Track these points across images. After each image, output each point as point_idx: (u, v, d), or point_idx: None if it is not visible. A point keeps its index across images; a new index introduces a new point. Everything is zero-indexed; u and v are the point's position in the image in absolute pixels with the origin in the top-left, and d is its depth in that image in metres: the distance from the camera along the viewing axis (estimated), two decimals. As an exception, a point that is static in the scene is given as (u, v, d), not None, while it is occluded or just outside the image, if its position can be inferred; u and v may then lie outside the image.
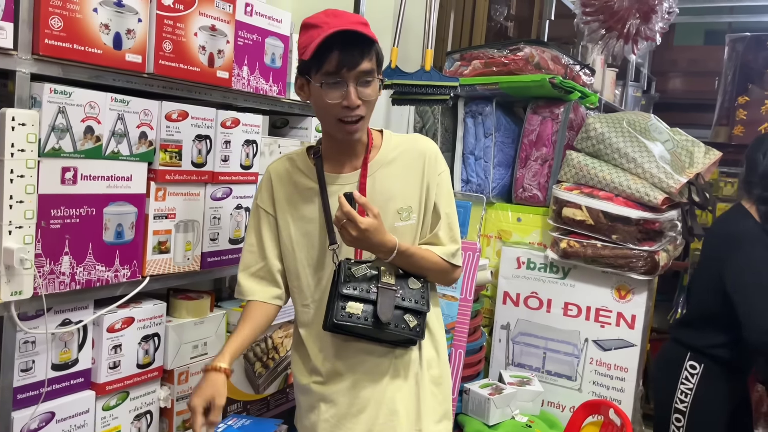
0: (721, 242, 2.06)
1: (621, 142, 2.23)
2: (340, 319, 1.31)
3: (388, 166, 1.42)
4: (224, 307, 1.88)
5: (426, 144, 1.47)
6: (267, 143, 1.91)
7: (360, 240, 1.29)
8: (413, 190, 1.42)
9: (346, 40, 1.27)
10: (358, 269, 1.34)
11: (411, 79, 2.10)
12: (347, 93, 1.29)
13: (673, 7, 3.40)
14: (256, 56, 1.81)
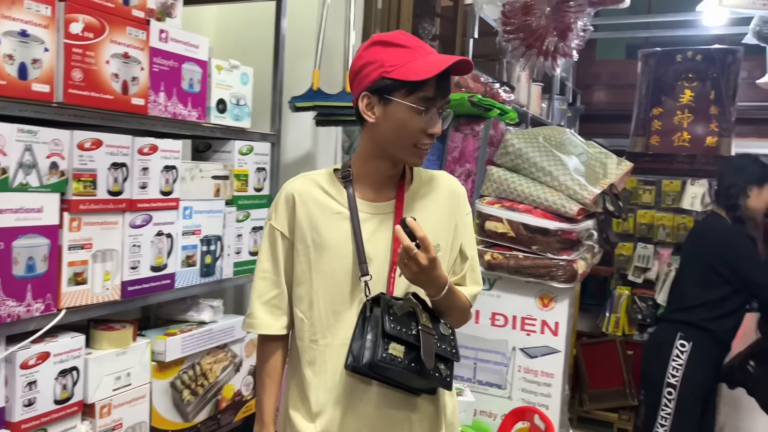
0: (709, 241, 2.69)
1: (537, 157, 2.32)
2: (383, 360, 1.21)
3: (421, 199, 1.38)
4: (148, 336, 1.85)
5: (455, 183, 1.45)
6: (188, 168, 1.91)
7: (425, 272, 1.21)
8: (443, 227, 1.38)
9: (445, 71, 1.25)
10: (400, 306, 1.26)
11: (333, 101, 2.14)
12: (434, 121, 1.27)
13: (587, 25, 3.55)
14: (173, 82, 1.80)
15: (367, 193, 1.36)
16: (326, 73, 2.43)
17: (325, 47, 2.35)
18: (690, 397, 2.62)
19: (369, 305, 1.27)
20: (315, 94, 2.16)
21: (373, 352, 1.22)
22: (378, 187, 1.36)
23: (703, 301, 2.62)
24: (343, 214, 1.33)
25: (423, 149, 1.29)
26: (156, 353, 1.83)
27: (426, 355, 1.22)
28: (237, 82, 2.07)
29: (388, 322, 1.22)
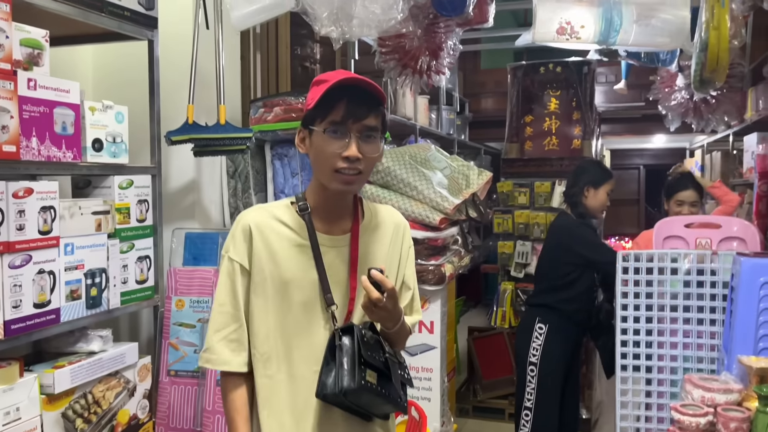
0: (557, 234, 3.07)
1: (404, 174, 2.56)
2: (361, 387, 1.25)
3: (372, 233, 1.42)
4: (36, 371, 1.92)
5: (399, 216, 1.51)
6: (67, 206, 2.00)
7: (392, 313, 1.29)
8: (391, 260, 1.44)
9: (355, 93, 1.28)
10: (370, 336, 1.31)
11: (207, 133, 2.29)
12: (349, 144, 1.27)
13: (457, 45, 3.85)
14: (45, 127, 1.89)
15: (322, 226, 1.38)
16: (202, 105, 2.56)
17: (201, 81, 2.49)
18: (549, 373, 2.96)
19: (338, 334, 1.29)
20: (190, 128, 2.30)
21: (351, 379, 1.24)
22: (332, 220, 1.38)
23: (555, 286, 2.98)
24: (303, 246, 1.35)
25: (345, 174, 1.29)
26: (45, 386, 1.91)
27: (395, 381, 1.29)
28: (112, 120, 2.17)
29: (365, 350, 1.26)
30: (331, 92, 1.27)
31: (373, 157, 1.32)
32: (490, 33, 6.00)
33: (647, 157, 11.21)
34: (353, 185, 1.33)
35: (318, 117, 1.30)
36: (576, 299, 2.99)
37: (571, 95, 4.51)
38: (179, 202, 2.69)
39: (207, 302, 2.41)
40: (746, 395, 1.67)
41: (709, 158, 6.26)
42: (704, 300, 2.21)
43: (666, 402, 2.23)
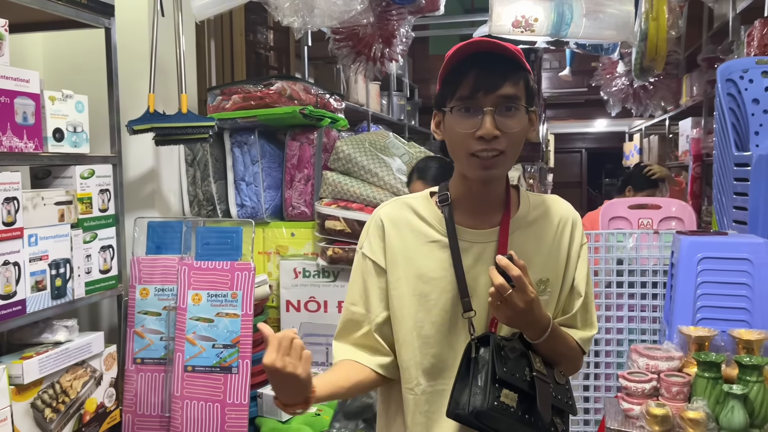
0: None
1: (365, 160, 2.63)
2: (493, 409, 1.05)
3: (528, 227, 1.20)
4: (3, 362, 1.92)
5: (568, 209, 1.25)
6: (30, 197, 1.98)
7: (523, 314, 1.07)
8: (553, 260, 1.20)
9: (486, 60, 1.08)
10: (512, 348, 1.10)
11: (169, 122, 2.29)
12: (482, 121, 1.07)
13: (409, 32, 3.91)
14: (6, 117, 1.87)
15: (466, 219, 1.19)
16: (162, 94, 2.55)
17: (159, 69, 2.48)
18: None
19: (475, 345, 1.11)
20: (151, 117, 2.30)
21: (483, 399, 1.05)
22: (478, 212, 1.19)
23: None
24: (440, 242, 1.18)
25: (482, 158, 1.09)
26: (13, 377, 1.91)
27: (543, 405, 1.07)
28: (72, 110, 2.15)
29: (500, 365, 1.07)
30: (458, 64, 1.09)
31: (515, 132, 1.10)
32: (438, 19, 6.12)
33: (589, 141, 11.61)
34: (494, 170, 1.11)
35: (447, 95, 1.12)
36: None
37: (519, 82, 4.64)
38: (139, 191, 2.68)
39: (172, 290, 2.43)
40: (686, 362, 1.82)
41: (647, 142, 6.56)
42: (646, 276, 2.38)
43: (613, 372, 2.39)
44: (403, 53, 3.93)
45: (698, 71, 4.35)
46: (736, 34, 3.31)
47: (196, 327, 2.37)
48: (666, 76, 4.67)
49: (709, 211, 3.82)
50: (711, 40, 4.20)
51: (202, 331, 2.37)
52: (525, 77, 1.11)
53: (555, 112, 8.28)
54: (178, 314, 2.39)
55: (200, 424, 2.32)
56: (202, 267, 2.41)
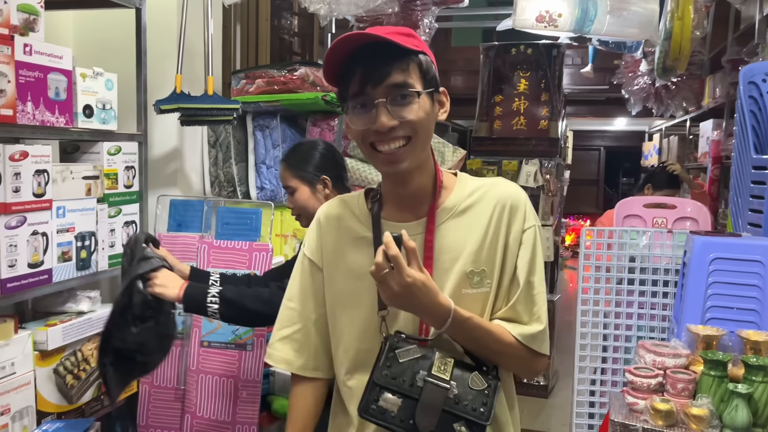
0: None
1: (384, 148, 2.67)
2: (368, 413, 1.05)
3: (459, 217, 1.14)
4: (29, 328, 1.99)
5: (508, 190, 1.15)
6: (59, 170, 2.04)
7: (403, 298, 1.02)
8: (488, 249, 1.12)
9: (370, 52, 1.04)
10: (406, 350, 1.06)
11: (195, 103, 2.34)
12: (376, 114, 1.04)
13: (433, 23, 3.93)
14: (39, 92, 1.93)
15: (394, 213, 1.16)
16: (188, 75, 2.60)
17: (186, 50, 2.53)
18: None
19: (381, 345, 1.09)
20: (178, 97, 2.35)
21: (362, 402, 1.06)
22: (404, 205, 1.15)
23: None
24: (367, 239, 1.15)
25: (385, 152, 1.07)
26: (38, 343, 1.98)
27: (422, 412, 1.03)
28: (102, 87, 2.21)
29: (381, 369, 1.05)
30: (345, 62, 1.06)
31: (416, 118, 1.05)
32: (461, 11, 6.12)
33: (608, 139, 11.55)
34: (401, 163, 1.08)
35: (343, 95, 1.10)
36: None
37: (540, 77, 4.65)
38: (162, 169, 2.74)
39: (191, 267, 2.49)
40: (693, 360, 1.85)
41: (667, 142, 6.53)
42: (658, 274, 2.40)
43: (620, 367, 2.42)
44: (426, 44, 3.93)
45: (722, 73, 4.33)
46: (762, 37, 3.29)
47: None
48: (689, 76, 4.65)
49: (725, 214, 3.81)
50: (736, 41, 4.17)
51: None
52: (417, 60, 1.07)
53: (575, 108, 8.25)
54: (196, 291, 2.45)
55: (214, 398, 2.39)
56: (222, 246, 2.46)
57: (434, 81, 1.10)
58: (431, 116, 1.10)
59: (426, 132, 1.10)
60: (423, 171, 1.14)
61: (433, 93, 1.10)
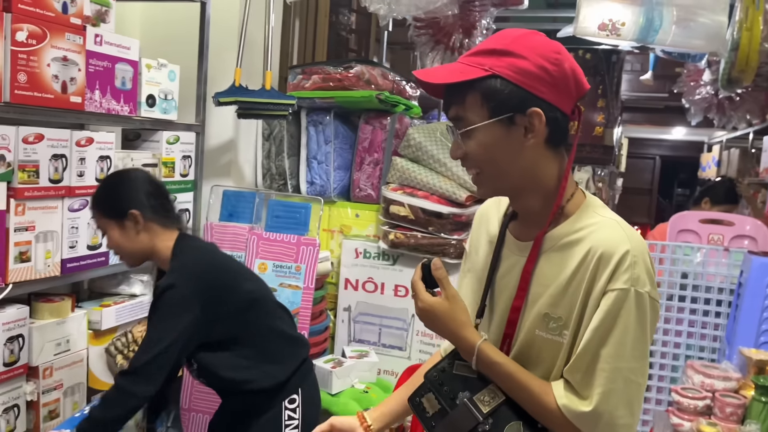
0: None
1: (435, 150, 2.66)
2: (412, 402, 1.12)
3: (557, 252, 1.05)
4: (85, 307, 2.07)
5: (607, 237, 1.01)
6: (120, 157, 2.12)
7: (423, 320, 1.08)
8: (569, 297, 1.02)
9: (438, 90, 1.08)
10: (465, 365, 1.07)
11: (253, 97, 2.39)
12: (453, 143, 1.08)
13: (490, 24, 3.90)
14: (107, 81, 2.01)
15: (517, 229, 1.14)
16: (247, 69, 2.65)
17: (246, 44, 2.58)
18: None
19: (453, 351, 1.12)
20: (236, 90, 2.40)
21: (415, 390, 1.12)
22: (524, 224, 1.12)
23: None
24: (492, 243, 1.15)
25: (470, 174, 1.09)
26: (92, 322, 2.06)
27: (444, 427, 1.05)
28: (165, 78, 2.28)
29: (436, 371, 1.09)
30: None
31: (473, 152, 1.04)
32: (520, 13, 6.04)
33: (664, 148, 11.22)
34: (480, 187, 1.09)
35: None
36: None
37: (598, 82, 4.55)
38: (217, 159, 2.80)
39: (240, 257, 2.54)
40: (743, 384, 1.80)
41: (727, 154, 6.31)
42: (711, 293, 2.33)
43: (666, 385, 2.37)
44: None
45: (790, 86, 4.16)
46: (835, 51, 3.15)
47: (259, 294, 2.48)
48: (754, 88, 4.47)
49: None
50: (808, 54, 3.99)
51: (265, 299, 2.47)
52: (480, 88, 1.01)
53: (632, 115, 8.04)
54: (244, 281, 2.51)
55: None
56: (270, 238, 2.51)
57: (507, 104, 1.00)
58: (500, 146, 1.03)
59: (492, 161, 1.04)
60: (528, 194, 1.08)
61: (512, 118, 1.01)
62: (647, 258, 1.01)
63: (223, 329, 1.75)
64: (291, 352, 1.88)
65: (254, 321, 1.82)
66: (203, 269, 1.75)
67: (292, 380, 1.85)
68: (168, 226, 1.79)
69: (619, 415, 0.98)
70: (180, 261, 1.74)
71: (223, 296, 1.75)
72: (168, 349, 1.64)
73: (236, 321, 1.77)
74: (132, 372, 1.64)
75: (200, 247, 1.86)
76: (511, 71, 0.99)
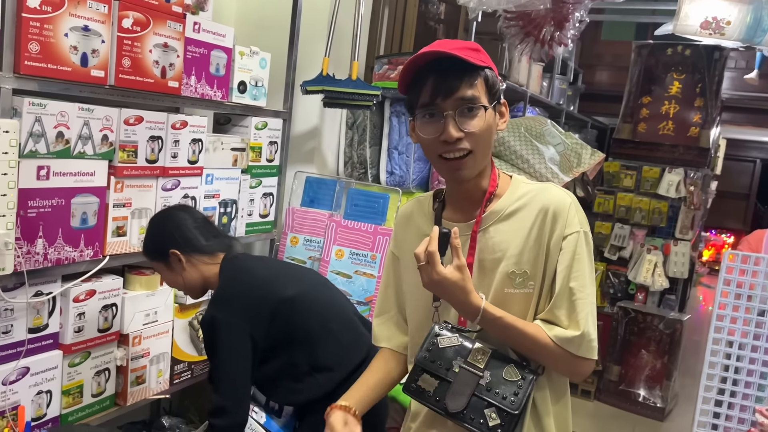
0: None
1: (518, 146, 2.62)
2: (409, 390, 1.20)
3: (506, 220, 1.20)
4: (172, 282, 2.19)
5: (553, 196, 1.20)
6: (211, 141, 2.21)
7: (434, 288, 1.16)
8: (530, 252, 1.18)
9: (442, 65, 1.12)
10: (448, 338, 1.18)
11: (339, 86, 2.43)
12: (444, 125, 1.13)
13: (584, 17, 3.77)
14: (202, 67, 2.09)
15: (452, 214, 1.25)
16: (335, 58, 2.70)
17: (335, 35, 2.62)
18: None
19: (430, 332, 1.21)
20: (324, 79, 2.44)
21: (407, 380, 1.20)
22: (461, 207, 1.24)
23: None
24: (426, 236, 1.20)
25: (449, 160, 1.15)
26: (178, 297, 2.17)
27: (452, 395, 1.15)
28: (256, 66, 2.35)
29: (423, 352, 1.18)
30: (417, 73, 1.15)
31: (479, 131, 1.13)
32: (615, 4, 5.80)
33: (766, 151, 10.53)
34: (463, 170, 1.16)
35: (413, 102, 1.19)
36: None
37: (697, 80, 4.33)
38: (302, 146, 2.87)
39: (318, 242, 2.61)
40: (838, 411, 1.68)
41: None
42: (809, 312, 2.18)
43: (749, 404, 2.24)
44: (574, 38, 3.79)
45: None
46: None
47: (335, 280, 2.53)
48: None
49: None
50: None
51: (340, 285, 2.52)
52: (484, 75, 1.15)
53: (732, 115, 7.58)
54: (321, 265, 2.57)
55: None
56: (349, 226, 2.56)
57: (498, 94, 1.19)
58: (493, 128, 1.18)
59: (486, 143, 1.18)
60: (482, 176, 1.22)
61: (496, 106, 1.18)
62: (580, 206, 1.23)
63: (271, 339, 1.79)
64: (342, 357, 1.84)
65: (301, 325, 1.82)
66: (238, 291, 1.78)
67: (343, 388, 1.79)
68: (212, 254, 1.85)
69: (592, 331, 1.17)
70: (217, 290, 1.81)
71: (262, 310, 1.77)
72: (242, 374, 1.73)
73: (280, 329, 1.79)
74: (221, 410, 1.71)
75: (239, 267, 1.85)
76: (492, 68, 1.18)
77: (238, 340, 1.73)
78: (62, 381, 1.82)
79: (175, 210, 1.91)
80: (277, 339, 1.79)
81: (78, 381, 1.87)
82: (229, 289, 1.79)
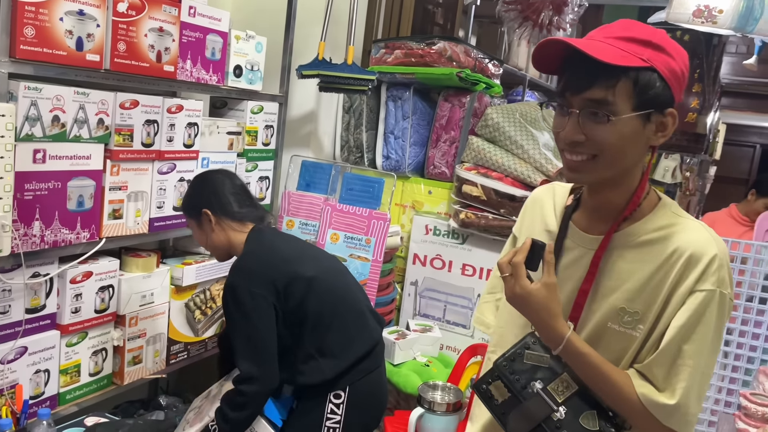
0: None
1: (512, 131, 2.63)
2: (478, 390, 1.12)
3: (636, 248, 1.06)
4: (169, 264, 2.22)
5: (695, 239, 1.03)
6: (207, 124, 2.23)
7: (515, 303, 1.06)
8: (650, 294, 1.04)
9: (584, 58, 0.97)
10: (536, 354, 1.07)
11: (335, 71, 2.44)
12: (567, 122, 1.02)
13: (583, 1, 3.76)
14: (198, 51, 2.10)
15: (582, 220, 1.13)
16: (331, 42, 2.70)
17: (332, 19, 2.62)
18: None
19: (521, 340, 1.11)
20: (319, 64, 2.45)
21: (480, 377, 1.13)
22: (592, 216, 1.12)
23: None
24: (552, 234, 1.15)
25: (567, 159, 1.04)
26: (174, 278, 2.21)
27: (517, 416, 1.05)
28: (252, 50, 2.36)
29: (506, 360, 1.08)
30: (567, 58, 1.02)
31: (604, 141, 0.99)
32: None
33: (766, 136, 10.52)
34: (581, 173, 1.04)
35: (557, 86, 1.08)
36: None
37: (695, 66, 4.32)
38: (298, 130, 2.89)
39: (314, 226, 2.63)
40: (819, 395, 1.72)
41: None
42: (796, 298, 2.22)
43: (737, 388, 2.28)
44: (573, 22, 3.78)
45: None
46: None
47: (330, 263, 2.56)
48: None
49: None
50: None
51: (335, 268, 2.56)
52: (634, 78, 0.97)
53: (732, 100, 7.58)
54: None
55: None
56: (344, 210, 2.58)
57: (654, 101, 0.99)
58: (633, 140, 1.01)
59: (616, 155, 1.01)
60: (615, 188, 1.07)
61: (650, 114, 1.00)
62: (729, 261, 1.04)
63: (285, 315, 1.81)
64: (347, 347, 1.85)
65: (314, 307, 1.83)
66: (257, 263, 1.82)
67: (343, 379, 1.85)
68: (242, 221, 1.89)
69: (693, 406, 1.01)
70: (239, 258, 1.85)
71: (279, 284, 1.79)
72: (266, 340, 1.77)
73: (294, 307, 1.81)
74: (248, 378, 1.74)
75: (263, 240, 1.88)
76: (665, 69, 0.99)
77: (261, 307, 1.76)
78: (60, 360, 1.86)
79: (217, 173, 1.97)
80: (290, 317, 1.82)
81: (75, 360, 1.91)
82: (250, 259, 1.84)
